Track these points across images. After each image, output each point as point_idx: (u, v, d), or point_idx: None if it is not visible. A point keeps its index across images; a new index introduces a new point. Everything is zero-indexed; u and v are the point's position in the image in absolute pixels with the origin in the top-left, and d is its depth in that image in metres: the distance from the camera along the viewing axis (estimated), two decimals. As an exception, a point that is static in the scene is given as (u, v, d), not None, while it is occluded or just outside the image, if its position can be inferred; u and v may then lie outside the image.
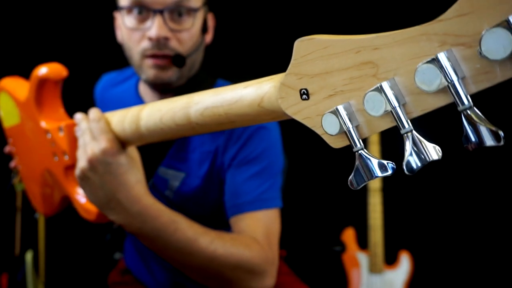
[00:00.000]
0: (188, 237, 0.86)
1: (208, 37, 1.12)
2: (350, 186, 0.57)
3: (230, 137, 1.09)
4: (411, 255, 2.16)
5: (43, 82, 0.92)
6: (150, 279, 1.33)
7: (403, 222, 2.36)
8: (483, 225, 2.38)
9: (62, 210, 1.27)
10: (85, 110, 0.89)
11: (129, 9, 1.00)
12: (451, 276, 2.41)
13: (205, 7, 1.07)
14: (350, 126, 0.55)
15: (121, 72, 1.31)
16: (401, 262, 2.16)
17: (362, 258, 2.17)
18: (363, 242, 2.18)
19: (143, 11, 0.99)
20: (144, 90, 1.16)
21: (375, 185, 2.13)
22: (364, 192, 2.16)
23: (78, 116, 0.88)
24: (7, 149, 1.23)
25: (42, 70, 0.93)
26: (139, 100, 1.16)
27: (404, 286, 2.14)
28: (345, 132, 0.56)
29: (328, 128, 0.57)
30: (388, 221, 2.16)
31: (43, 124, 0.96)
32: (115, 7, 1.06)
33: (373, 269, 2.14)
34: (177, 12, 1.00)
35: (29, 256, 2.45)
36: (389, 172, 0.54)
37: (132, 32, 1.01)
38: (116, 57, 1.26)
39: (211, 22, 1.13)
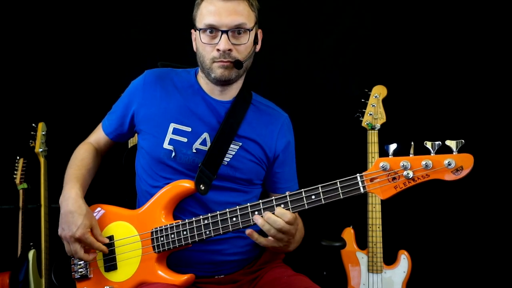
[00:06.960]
0: None
1: (258, 47, 1.53)
2: None
3: None
4: (410, 254, 2.17)
5: None
6: None
7: (402, 222, 2.37)
8: (481, 225, 2.40)
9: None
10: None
11: (204, 30, 1.42)
12: (449, 276, 2.42)
13: (256, 25, 1.47)
14: None
15: (163, 69, 1.62)
16: (400, 261, 2.17)
17: (362, 257, 2.18)
18: (362, 242, 2.19)
19: (214, 31, 1.41)
20: (202, 81, 1.54)
21: (374, 185, 2.14)
22: (363, 192, 2.17)
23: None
24: None
25: None
26: (198, 86, 1.54)
27: (403, 285, 2.15)
28: None
29: None
30: (387, 221, 2.17)
31: None
32: (193, 26, 1.49)
33: (373, 268, 2.15)
34: (237, 32, 1.41)
35: (31, 255, 2.46)
36: None
37: (206, 45, 1.43)
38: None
39: (260, 36, 1.53)
